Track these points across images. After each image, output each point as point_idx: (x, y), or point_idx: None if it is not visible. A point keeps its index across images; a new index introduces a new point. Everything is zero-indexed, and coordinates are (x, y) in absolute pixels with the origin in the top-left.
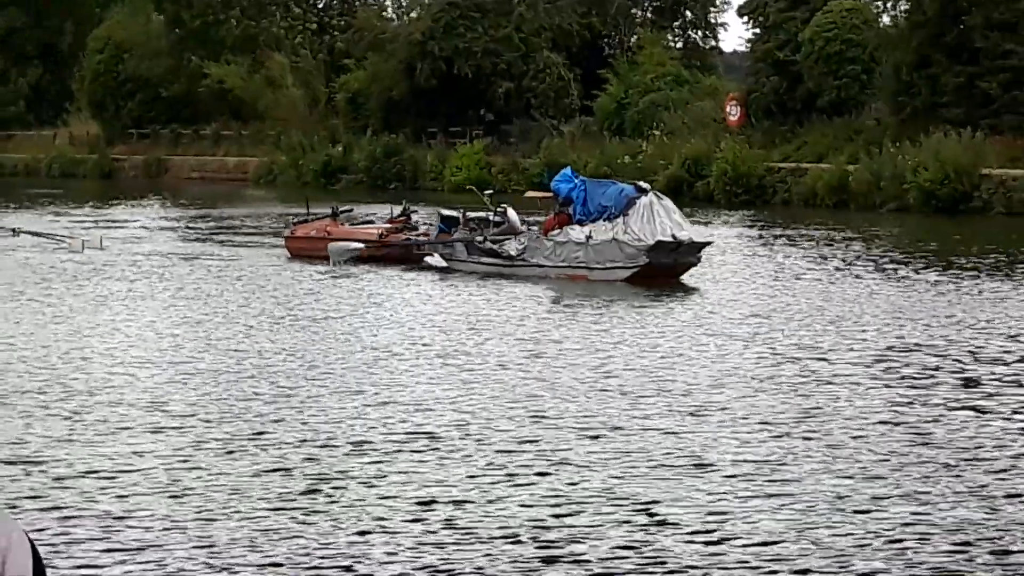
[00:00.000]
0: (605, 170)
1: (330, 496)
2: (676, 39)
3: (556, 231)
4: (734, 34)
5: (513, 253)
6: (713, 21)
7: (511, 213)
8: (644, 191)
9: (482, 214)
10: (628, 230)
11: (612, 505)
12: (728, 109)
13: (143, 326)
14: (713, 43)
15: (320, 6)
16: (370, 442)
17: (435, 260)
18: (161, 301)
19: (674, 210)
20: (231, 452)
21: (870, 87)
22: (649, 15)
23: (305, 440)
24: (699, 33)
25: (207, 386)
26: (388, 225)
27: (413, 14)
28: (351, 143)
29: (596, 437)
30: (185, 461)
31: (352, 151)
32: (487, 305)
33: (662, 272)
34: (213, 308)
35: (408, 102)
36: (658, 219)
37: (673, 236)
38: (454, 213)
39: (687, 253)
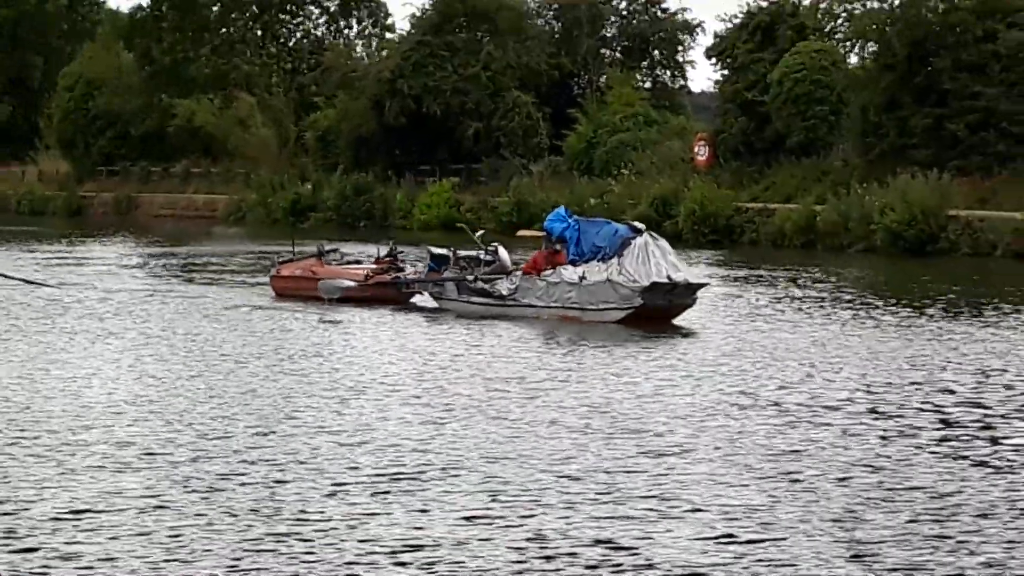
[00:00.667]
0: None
1: (309, 540)
2: (645, 79)
3: (549, 271)
4: (703, 74)
5: (504, 293)
6: (681, 61)
7: (502, 252)
8: (639, 231)
9: (473, 253)
10: (623, 271)
11: (586, 547)
12: (696, 149)
13: (113, 365)
14: (682, 83)
15: (291, 44)
16: (346, 484)
17: (424, 300)
18: (132, 339)
19: (669, 251)
20: (203, 493)
21: (838, 128)
22: (618, 55)
23: (280, 481)
24: (667, 73)
25: (180, 425)
26: (374, 265)
27: (383, 52)
28: (321, 181)
29: (573, 479)
30: (156, 501)
31: (322, 189)
32: (474, 346)
33: (657, 314)
34: (190, 347)
35: (377, 140)
36: (653, 260)
37: (668, 277)
38: (444, 252)
39: (682, 295)
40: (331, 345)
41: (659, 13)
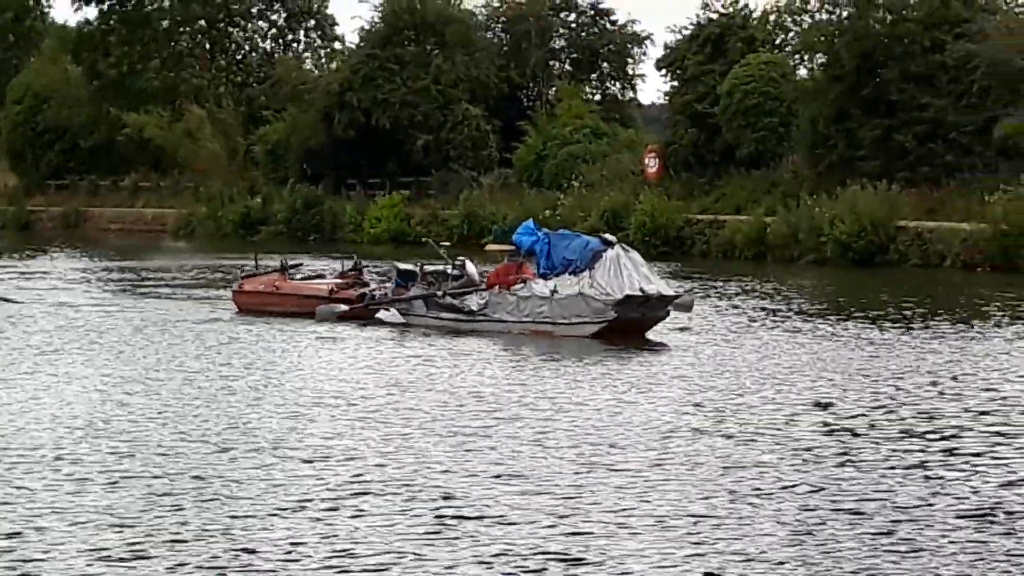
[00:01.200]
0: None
1: (266, 559)
2: (594, 91)
3: (520, 285)
4: (653, 87)
5: (474, 308)
6: (631, 73)
7: (469, 266)
8: (610, 244)
9: (440, 267)
10: (595, 284)
11: (541, 558)
12: (647, 161)
13: (69, 382)
14: (631, 96)
15: (239, 58)
16: (308, 500)
17: (389, 316)
18: (89, 356)
19: (641, 263)
20: (156, 511)
21: (787, 140)
22: (567, 67)
23: (232, 497)
24: (617, 86)
25: (129, 442)
26: (339, 280)
27: (333, 65)
28: (270, 194)
29: (530, 494)
30: (111, 519)
31: (271, 202)
32: (439, 361)
33: (630, 327)
34: (151, 363)
35: (327, 153)
36: (625, 272)
37: (642, 290)
38: (411, 267)
39: (655, 307)
40: (292, 361)
41: (608, 25)
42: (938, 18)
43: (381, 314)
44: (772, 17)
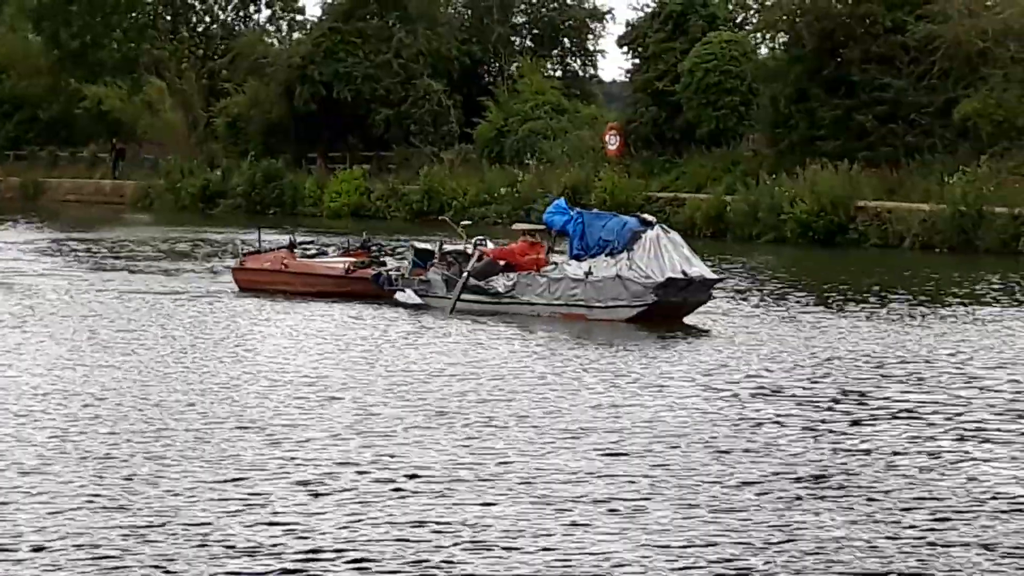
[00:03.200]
0: (484, 197)
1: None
2: (555, 68)
3: (550, 267)
4: (614, 64)
5: (501, 290)
6: (592, 50)
7: (491, 246)
8: (650, 224)
9: (459, 247)
10: (633, 266)
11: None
12: (607, 138)
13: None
14: (592, 72)
15: (200, 30)
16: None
17: (406, 296)
18: (87, 340)
19: (682, 244)
20: (132, 493)
21: (748, 119)
22: (528, 43)
23: (237, 480)
24: (578, 62)
25: (114, 422)
26: (352, 259)
27: (294, 37)
28: (230, 168)
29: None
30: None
31: (231, 176)
32: (459, 344)
33: (670, 311)
34: (152, 350)
35: (287, 127)
36: (666, 254)
37: (683, 272)
38: (428, 246)
39: (697, 291)
40: (305, 341)
41: (569, 1)
42: None
43: (399, 295)
44: None
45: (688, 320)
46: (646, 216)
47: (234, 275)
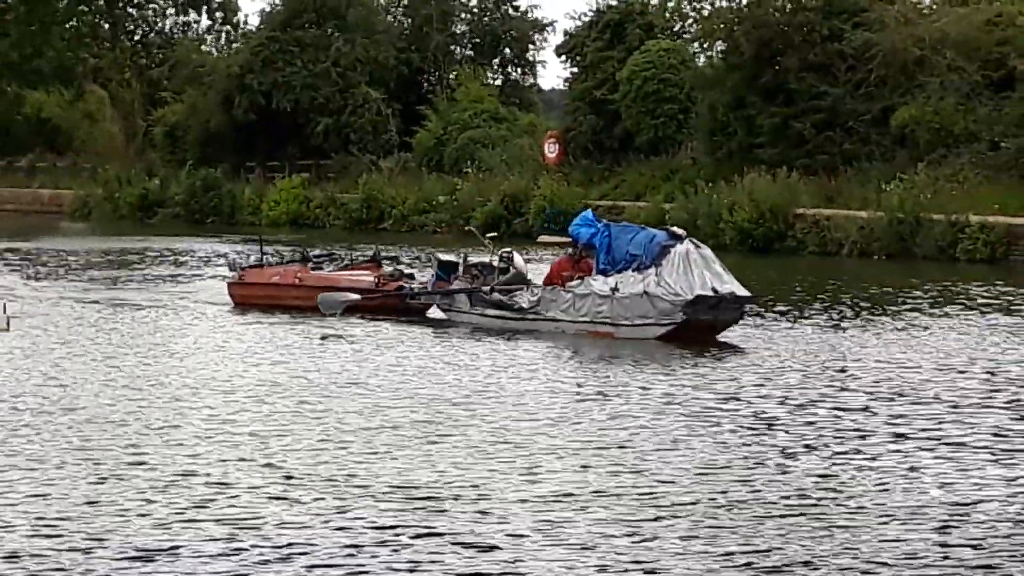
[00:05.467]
0: (424, 205)
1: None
2: (495, 76)
3: (576, 281)
4: (553, 72)
5: (524, 305)
6: (531, 59)
7: (517, 259)
8: (679, 238)
9: (485, 259)
10: (662, 282)
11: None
12: (546, 147)
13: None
14: (532, 81)
15: (138, 38)
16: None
17: (434, 312)
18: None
19: (713, 259)
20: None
21: (687, 127)
22: (468, 52)
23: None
24: (518, 71)
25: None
26: (366, 271)
27: (233, 47)
28: (168, 177)
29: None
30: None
31: (169, 185)
32: (483, 364)
33: (700, 330)
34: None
35: (226, 136)
36: (696, 270)
37: (714, 289)
38: (452, 258)
39: (728, 309)
40: (317, 361)
41: (510, 11)
42: (836, 7)
43: (431, 311)
44: (671, 4)
45: (721, 338)
46: (675, 229)
47: (231, 290)
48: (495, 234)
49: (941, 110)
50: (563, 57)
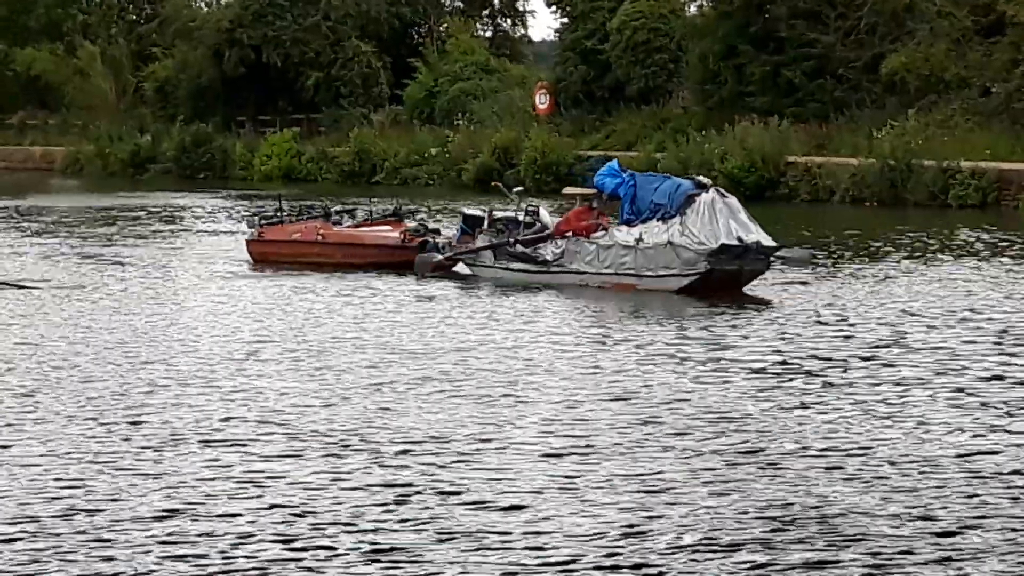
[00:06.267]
0: (415, 158)
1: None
2: (485, 28)
3: (600, 232)
4: (543, 23)
5: (549, 258)
6: (521, 10)
7: (543, 213)
8: (705, 186)
9: (510, 213)
10: (686, 231)
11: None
12: (537, 98)
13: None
14: (522, 32)
15: None
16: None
17: (457, 267)
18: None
19: (739, 209)
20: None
21: (677, 76)
22: (458, 4)
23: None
24: (508, 22)
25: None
26: (387, 226)
27: (223, 1)
28: (159, 133)
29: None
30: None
31: (160, 141)
32: (502, 319)
33: (725, 280)
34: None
35: (217, 91)
36: (721, 219)
37: (739, 239)
38: (477, 212)
39: (755, 259)
40: (344, 318)
41: None
42: None
43: (457, 266)
44: None
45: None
46: (701, 178)
47: (249, 247)
48: (521, 188)
49: (931, 56)
50: (553, 7)
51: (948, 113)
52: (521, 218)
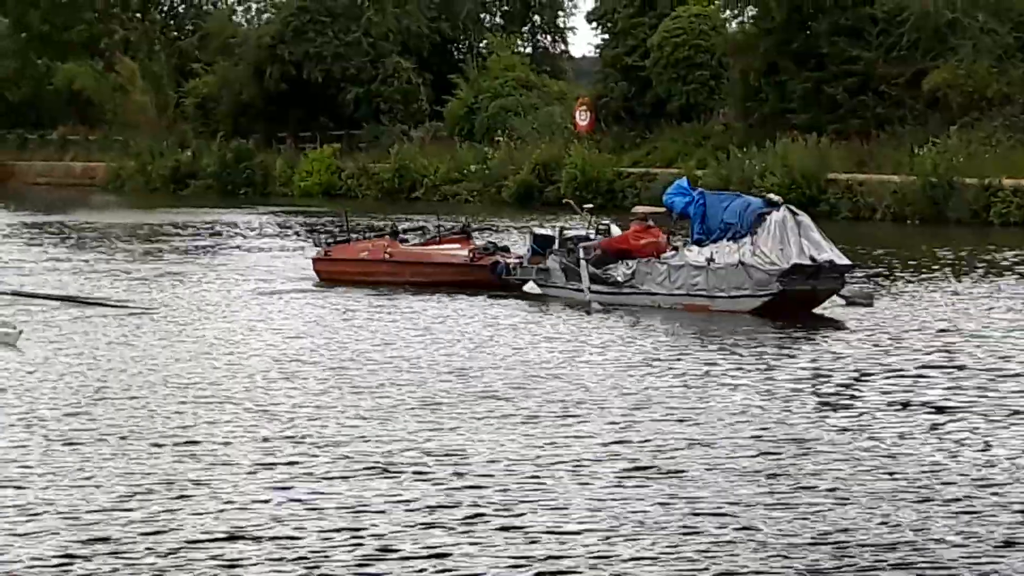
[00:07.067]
0: (455, 175)
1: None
2: (525, 44)
3: (671, 253)
4: (584, 39)
5: (620, 279)
6: (562, 26)
7: (615, 231)
8: (776, 205)
9: (581, 232)
10: (757, 251)
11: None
12: (578, 114)
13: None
14: (562, 48)
15: (168, 9)
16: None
17: (531, 287)
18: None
19: (812, 227)
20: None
21: (718, 93)
22: (499, 20)
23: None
24: (548, 38)
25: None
26: (457, 246)
27: (265, 16)
28: (200, 148)
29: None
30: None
31: (201, 156)
32: (576, 340)
33: (799, 301)
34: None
35: (258, 107)
36: (793, 238)
37: (812, 258)
38: (548, 232)
39: (828, 278)
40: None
41: None
42: None
43: (528, 286)
44: None
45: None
46: (772, 196)
47: (316, 266)
48: (591, 205)
49: (973, 73)
50: (594, 24)
51: (990, 130)
52: (593, 237)
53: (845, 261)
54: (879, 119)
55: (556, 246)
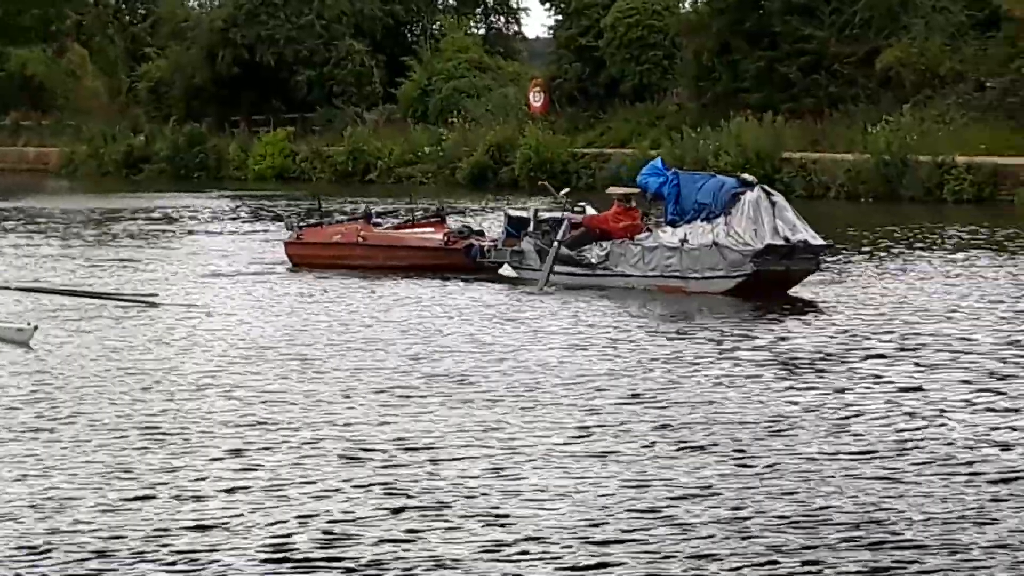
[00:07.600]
0: (410, 157)
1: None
2: (479, 25)
3: (645, 234)
4: (537, 20)
5: (594, 261)
6: (515, 7)
7: (591, 213)
8: (750, 185)
9: (556, 215)
10: (731, 232)
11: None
12: (532, 95)
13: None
14: (516, 29)
15: None
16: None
17: (506, 270)
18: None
19: (786, 207)
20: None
21: (672, 73)
22: (452, 1)
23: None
24: (502, 20)
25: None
26: (430, 228)
27: (216, 1)
28: (153, 133)
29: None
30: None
31: (154, 141)
32: (546, 322)
33: (773, 282)
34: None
35: (210, 91)
36: (767, 218)
37: (786, 239)
38: (523, 214)
39: (803, 259)
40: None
41: None
42: None
43: (504, 269)
44: None
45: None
46: (746, 176)
47: (288, 250)
48: (568, 189)
49: (926, 51)
50: (547, 4)
51: (943, 108)
52: (569, 219)
53: (820, 241)
54: (832, 98)
55: (531, 228)
